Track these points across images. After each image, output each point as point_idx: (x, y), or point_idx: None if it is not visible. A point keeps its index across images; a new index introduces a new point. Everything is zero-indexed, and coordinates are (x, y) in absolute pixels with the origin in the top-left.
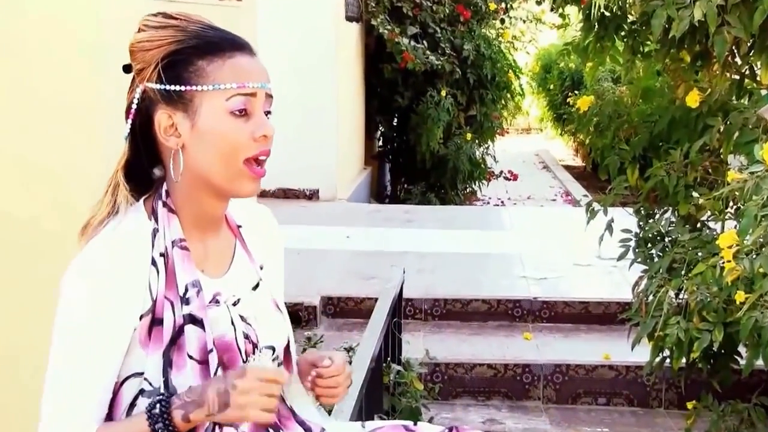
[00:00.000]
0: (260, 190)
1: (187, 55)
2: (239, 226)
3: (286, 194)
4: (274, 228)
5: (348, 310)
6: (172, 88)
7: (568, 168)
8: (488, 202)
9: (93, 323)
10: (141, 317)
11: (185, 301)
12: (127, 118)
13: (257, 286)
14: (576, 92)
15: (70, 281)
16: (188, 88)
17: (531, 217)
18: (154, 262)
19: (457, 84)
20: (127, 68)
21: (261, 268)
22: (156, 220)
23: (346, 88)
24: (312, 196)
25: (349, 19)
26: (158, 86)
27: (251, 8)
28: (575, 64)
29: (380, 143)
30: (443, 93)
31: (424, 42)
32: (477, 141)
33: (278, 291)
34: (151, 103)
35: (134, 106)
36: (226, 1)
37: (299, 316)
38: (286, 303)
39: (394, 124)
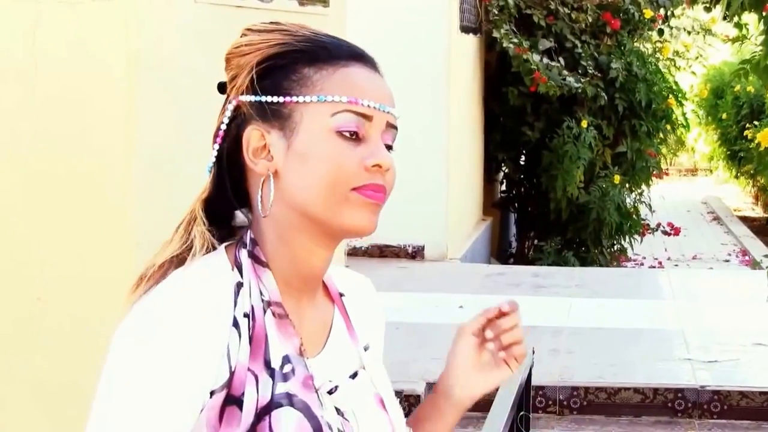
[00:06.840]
0: (376, 226)
1: (291, 60)
2: (341, 295)
3: (382, 252)
4: (376, 303)
5: None
6: (268, 99)
7: (744, 220)
8: (642, 264)
9: (152, 396)
10: (212, 393)
11: (282, 376)
12: (214, 141)
13: (356, 373)
14: (756, 123)
15: (128, 335)
16: (287, 99)
17: (697, 283)
18: (236, 324)
19: (602, 112)
20: (222, 87)
21: (365, 350)
22: (240, 272)
23: (460, 117)
24: (416, 254)
25: (464, 29)
26: (251, 98)
27: (340, 16)
28: (755, 87)
29: (503, 188)
30: (584, 124)
31: (561, 59)
32: (628, 185)
33: (384, 383)
34: (242, 121)
35: (224, 126)
36: (309, 7)
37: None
38: None
39: (522, 163)
